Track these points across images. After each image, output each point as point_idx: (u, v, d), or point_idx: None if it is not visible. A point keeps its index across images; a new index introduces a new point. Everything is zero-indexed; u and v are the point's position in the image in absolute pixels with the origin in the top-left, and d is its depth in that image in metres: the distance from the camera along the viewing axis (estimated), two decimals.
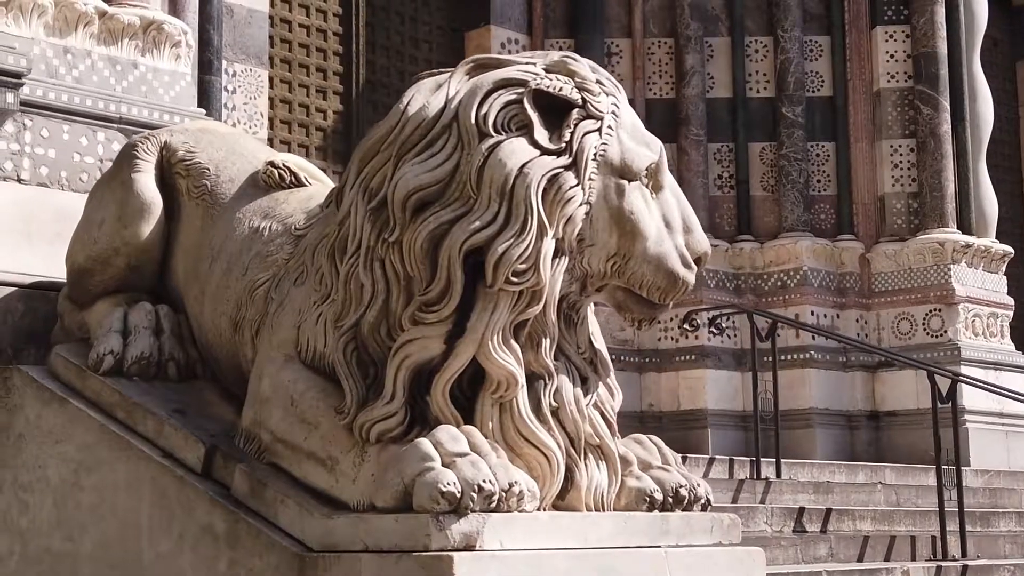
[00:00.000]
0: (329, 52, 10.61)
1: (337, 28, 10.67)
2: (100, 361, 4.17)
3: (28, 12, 6.25)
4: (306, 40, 10.45)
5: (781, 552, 6.67)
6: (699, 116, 11.61)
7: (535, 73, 3.57)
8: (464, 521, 3.20)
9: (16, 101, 5.80)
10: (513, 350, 3.45)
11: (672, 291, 3.64)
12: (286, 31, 10.34)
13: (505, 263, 3.39)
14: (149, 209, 4.37)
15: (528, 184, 3.42)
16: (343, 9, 10.73)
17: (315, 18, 10.55)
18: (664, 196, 3.67)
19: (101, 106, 6.28)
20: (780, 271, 11.50)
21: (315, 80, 10.47)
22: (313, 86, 10.46)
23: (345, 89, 10.64)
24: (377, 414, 3.44)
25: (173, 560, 3.75)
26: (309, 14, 10.52)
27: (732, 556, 3.73)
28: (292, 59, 10.36)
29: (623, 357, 11.23)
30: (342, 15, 10.71)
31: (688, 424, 11.07)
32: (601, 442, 3.60)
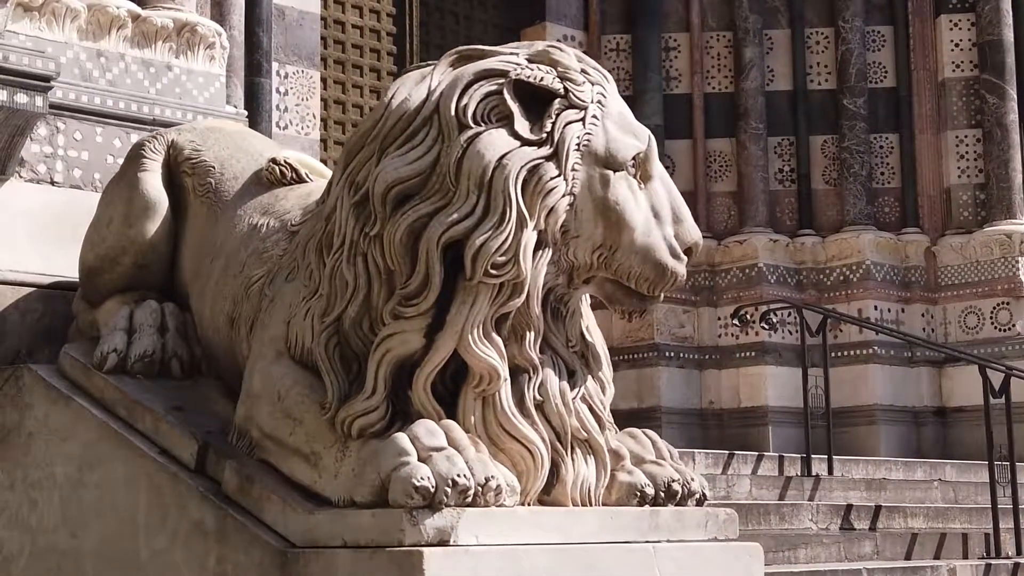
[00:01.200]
0: (383, 52, 10.64)
1: (391, 28, 10.69)
2: (104, 359, 4.19)
3: (61, 16, 6.32)
4: (360, 41, 10.49)
5: (823, 550, 6.55)
6: (758, 110, 11.47)
7: (517, 63, 3.53)
8: (438, 516, 3.17)
9: (46, 104, 5.86)
10: (495, 343, 3.41)
11: (661, 282, 3.58)
12: (339, 32, 10.38)
13: (483, 255, 3.35)
14: (155, 208, 4.40)
15: (507, 175, 3.38)
16: (396, 9, 10.75)
17: (368, 19, 10.58)
18: (653, 186, 3.61)
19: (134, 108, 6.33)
20: (842, 265, 11.33)
21: (369, 80, 10.50)
22: (367, 86, 10.48)
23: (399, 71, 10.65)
24: (358, 409, 3.42)
25: (167, 556, 3.76)
26: (362, 15, 10.55)
27: (727, 552, 3.66)
28: (346, 60, 10.40)
29: (682, 354, 11.15)
30: (396, 15, 10.73)
31: (749, 422, 10.95)
32: (589, 436, 3.55)
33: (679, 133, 11.60)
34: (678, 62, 11.72)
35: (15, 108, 5.80)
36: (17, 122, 5.86)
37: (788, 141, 11.64)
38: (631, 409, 11.01)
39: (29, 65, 5.79)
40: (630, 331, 11.11)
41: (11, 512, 4.35)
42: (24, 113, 5.85)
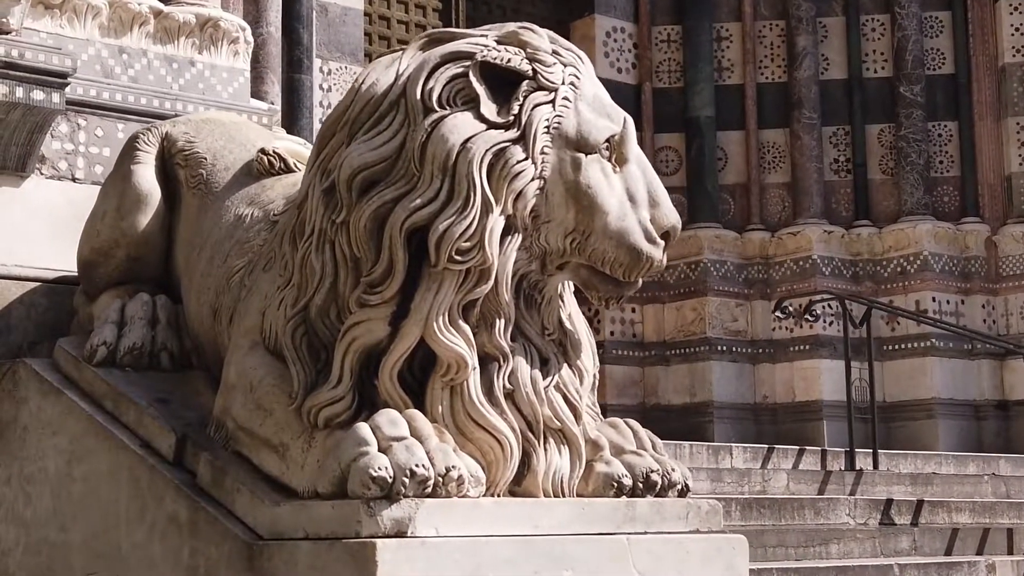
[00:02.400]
0: None
1: (436, 23, 10.66)
2: (94, 352, 4.18)
3: (82, 14, 6.35)
4: (405, 36, 10.46)
5: (857, 545, 6.41)
6: (812, 99, 11.30)
7: (484, 45, 3.45)
8: (396, 507, 3.11)
9: (63, 101, 5.89)
10: (462, 331, 3.34)
11: (636, 267, 3.48)
12: (384, 28, 10.37)
13: (447, 241, 3.28)
14: (146, 200, 4.38)
15: (471, 159, 3.31)
16: (443, 3, 10.72)
17: (414, 14, 10.57)
18: (629, 169, 3.52)
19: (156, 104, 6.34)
20: (900, 256, 11.12)
21: None
22: None
23: None
24: (323, 399, 3.37)
25: (146, 549, 3.73)
26: (408, 10, 10.53)
27: (709, 544, 3.56)
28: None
29: (735, 348, 11.00)
30: (441, 10, 10.71)
31: (803, 416, 10.79)
32: (563, 426, 3.47)
33: (731, 124, 11.46)
34: (730, 52, 11.57)
35: (32, 105, 5.83)
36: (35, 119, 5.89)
37: (843, 131, 11.44)
38: (683, 404, 10.91)
39: (45, 62, 5.81)
40: (681, 325, 11.00)
41: (7, 506, 4.35)
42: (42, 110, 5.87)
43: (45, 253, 5.50)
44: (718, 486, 6.87)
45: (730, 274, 11.15)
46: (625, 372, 11.03)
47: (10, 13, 5.74)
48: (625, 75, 11.45)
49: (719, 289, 11.05)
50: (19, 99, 5.79)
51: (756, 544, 6.00)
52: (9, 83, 5.74)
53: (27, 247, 5.48)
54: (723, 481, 6.94)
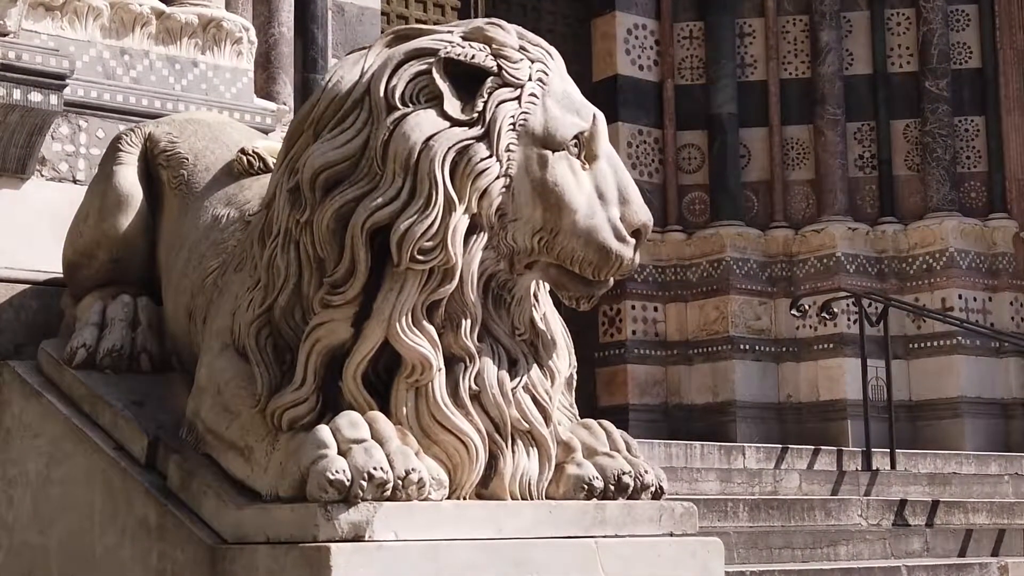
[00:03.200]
0: None
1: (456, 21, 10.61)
2: (73, 354, 4.16)
3: (83, 15, 6.35)
4: None
5: (866, 546, 6.31)
6: (836, 95, 11.18)
7: (449, 41, 3.41)
8: (353, 511, 3.07)
9: (60, 102, 5.89)
10: (426, 331, 3.29)
11: (605, 266, 3.42)
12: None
13: (409, 240, 3.24)
14: (127, 201, 4.36)
15: (432, 157, 3.26)
16: (461, 3, 10.68)
17: (432, 13, 10.53)
18: (598, 166, 3.46)
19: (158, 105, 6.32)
20: (925, 253, 10.98)
21: None
22: None
23: None
24: (287, 400, 3.33)
25: (117, 553, 3.71)
26: (426, 9, 10.50)
27: (682, 547, 3.49)
28: None
29: (758, 347, 10.90)
30: (460, 8, 10.66)
31: (828, 415, 10.66)
32: (531, 427, 3.41)
33: (755, 121, 11.35)
34: (753, 48, 11.47)
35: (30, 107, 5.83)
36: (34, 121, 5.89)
37: (868, 126, 11.31)
38: (706, 404, 10.82)
39: (43, 64, 5.81)
40: (704, 324, 10.92)
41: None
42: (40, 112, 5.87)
43: (47, 255, 5.49)
44: (727, 487, 6.79)
45: (753, 272, 11.05)
46: (647, 371, 10.94)
47: (7, 15, 5.75)
48: (647, 72, 11.36)
49: (742, 287, 10.95)
50: (16, 101, 5.79)
51: (761, 545, 5.93)
52: (6, 85, 5.75)
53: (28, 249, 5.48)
54: (733, 481, 6.86)
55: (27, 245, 5.48)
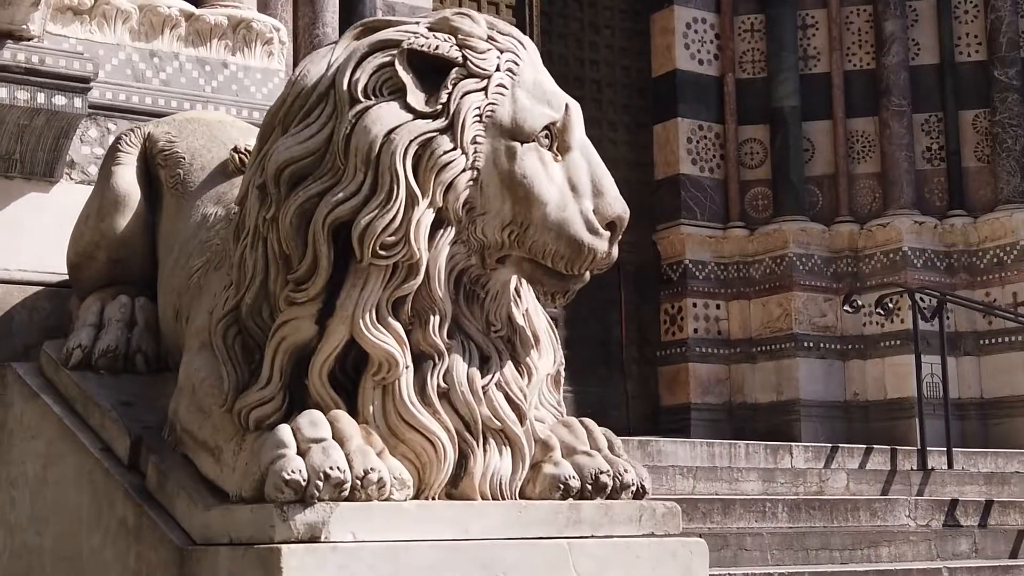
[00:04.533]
0: None
1: (510, 19, 10.55)
2: (69, 355, 4.16)
3: (112, 18, 6.39)
4: None
5: (910, 548, 6.14)
6: (902, 86, 10.94)
7: (413, 32, 3.34)
8: (310, 511, 3.01)
9: (85, 106, 5.92)
10: (392, 328, 3.23)
11: (578, 260, 3.32)
12: None
13: (370, 235, 3.18)
14: (124, 202, 4.35)
15: (393, 150, 3.20)
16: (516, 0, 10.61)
17: (486, 11, 10.46)
18: (571, 158, 3.37)
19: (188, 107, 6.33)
20: (996, 247, 10.70)
21: None
22: None
23: None
24: (252, 400, 3.29)
25: (101, 554, 3.69)
26: (480, 7, 10.44)
27: (662, 548, 3.39)
28: None
29: (823, 344, 10.70)
30: (515, 6, 10.59)
31: (896, 414, 10.43)
32: (504, 425, 3.33)
33: (818, 114, 11.14)
34: (816, 40, 11.26)
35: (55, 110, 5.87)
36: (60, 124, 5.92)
37: (935, 117, 11.05)
38: (770, 402, 10.65)
39: (67, 67, 5.84)
40: (767, 321, 10.74)
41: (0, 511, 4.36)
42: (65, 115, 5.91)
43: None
44: (770, 486, 6.65)
45: (817, 268, 10.84)
46: (710, 370, 10.79)
47: (30, 20, 5.78)
48: (707, 67, 11.21)
49: (806, 284, 10.75)
50: (41, 105, 5.83)
51: (797, 547, 5.79)
52: (31, 89, 5.79)
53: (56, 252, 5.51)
54: (776, 481, 6.71)
55: (55, 248, 5.51)
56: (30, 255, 5.56)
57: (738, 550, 5.58)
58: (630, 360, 10.76)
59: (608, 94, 11.05)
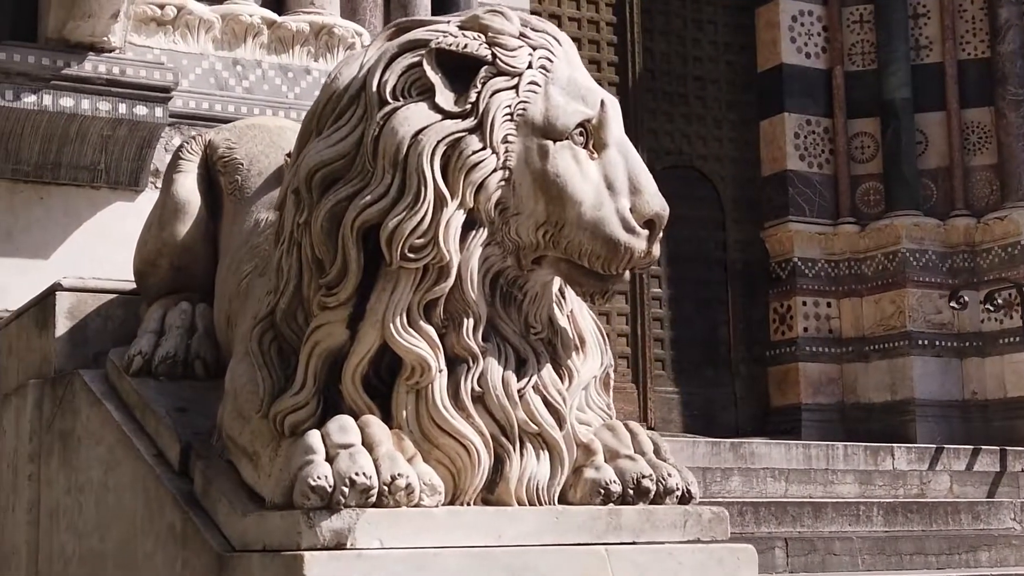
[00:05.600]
0: (603, 43, 10.42)
1: (610, 18, 10.46)
2: (130, 362, 4.19)
3: (195, 28, 6.47)
4: (577, 33, 10.31)
5: (1012, 552, 5.93)
6: (1018, 74, 10.62)
7: (443, 32, 3.29)
8: (336, 518, 2.98)
9: (166, 115, 6.01)
10: (424, 332, 3.18)
11: (615, 260, 3.24)
12: (554, 25, 10.23)
13: (398, 238, 3.14)
14: (184, 209, 4.37)
15: (420, 151, 3.16)
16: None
17: (586, 10, 10.39)
18: (608, 155, 3.29)
19: (271, 114, 6.39)
20: None
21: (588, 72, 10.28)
22: None
23: (621, 79, 10.41)
24: (286, 405, 3.27)
25: (153, 560, 3.71)
26: (580, 6, 10.37)
27: (707, 555, 3.29)
28: None
29: (939, 342, 10.41)
30: (616, 3, 10.49)
31: (1017, 413, 10.11)
32: (541, 430, 3.26)
33: (931, 105, 10.85)
34: (927, 29, 10.97)
35: (136, 120, 5.97)
36: (142, 134, 6.03)
37: None
38: (884, 402, 10.39)
39: (147, 77, 5.95)
40: (880, 319, 10.49)
41: (69, 516, 4.42)
42: (146, 125, 6.01)
43: None
44: (867, 489, 6.47)
45: (932, 264, 10.55)
46: (821, 370, 10.56)
47: (111, 31, 5.89)
48: (814, 60, 10.99)
49: (920, 280, 10.47)
50: (123, 115, 5.94)
51: (890, 552, 5.62)
52: (112, 100, 5.90)
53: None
54: (874, 484, 6.53)
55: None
56: (112, 264, 5.65)
57: (826, 555, 5.43)
58: (738, 360, 10.59)
59: (712, 91, 10.89)
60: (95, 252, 5.80)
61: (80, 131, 5.90)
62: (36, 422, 4.74)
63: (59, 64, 5.75)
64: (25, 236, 5.99)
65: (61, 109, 5.80)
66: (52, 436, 4.62)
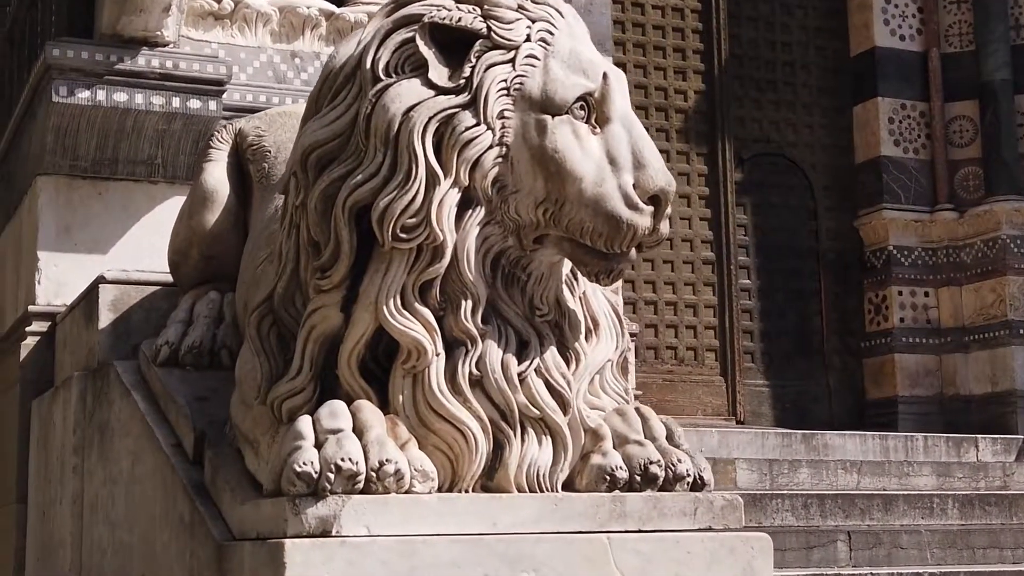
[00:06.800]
0: (687, 30, 10.22)
1: (695, 5, 10.26)
2: (158, 352, 4.17)
3: (252, 21, 6.46)
4: (661, 20, 10.13)
5: None
6: None
7: (436, 5, 3.20)
8: (321, 504, 2.90)
9: (219, 108, 5.99)
10: (419, 314, 3.10)
11: (617, 237, 3.12)
12: (638, 14, 10.08)
13: (389, 217, 3.06)
14: (212, 198, 4.33)
15: (411, 128, 3.07)
16: None
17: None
18: (611, 129, 3.17)
19: None
20: None
21: (673, 61, 10.12)
22: (671, 67, 10.11)
23: (707, 67, 10.20)
24: (283, 390, 3.21)
25: (169, 549, 3.68)
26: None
27: (719, 544, 3.15)
28: (646, 42, 10.07)
29: None
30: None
31: None
32: (543, 414, 3.15)
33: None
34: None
35: (190, 114, 5.96)
36: (197, 128, 6.01)
37: None
38: (985, 394, 10.04)
39: (200, 71, 5.93)
40: (980, 308, 10.15)
41: (105, 508, 4.41)
42: (201, 119, 5.99)
43: None
44: (946, 481, 6.24)
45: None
46: (919, 361, 10.24)
47: (163, 26, 5.88)
48: (909, 42, 10.66)
49: (1021, 267, 10.09)
50: (176, 109, 5.93)
51: (961, 545, 5.40)
52: (165, 94, 5.89)
53: None
54: (952, 476, 6.29)
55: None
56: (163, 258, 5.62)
57: (892, 548, 5.23)
58: (832, 352, 10.31)
59: (802, 76, 10.62)
60: (153, 246, 5.79)
61: (135, 126, 5.91)
62: (80, 414, 4.76)
63: (112, 59, 5.76)
64: (84, 232, 6.01)
65: (115, 104, 5.80)
66: (93, 428, 4.62)
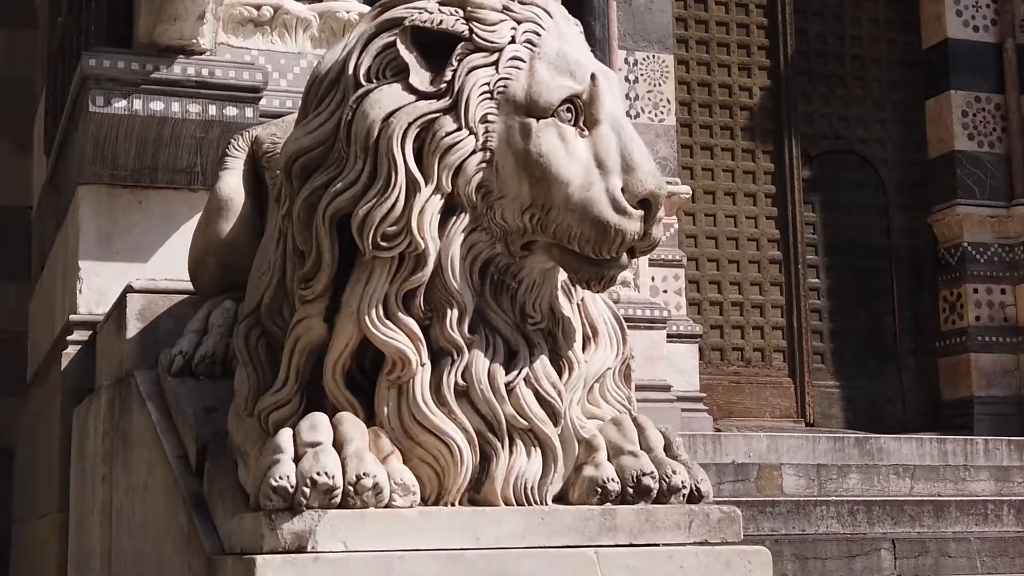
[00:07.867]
0: (752, 26, 10.07)
1: (760, 0, 10.11)
2: (172, 362, 4.15)
3: (292, 27, 6.44)
4: (724, 17, 10.00)
5: None
6: None
7: (419, 8, 3.13)
8: (297, 519, 2.85)
9: (256, 115, 5.97)
10: (403, 324, 3.03)
11: (605, 243, 3.03)
12: (701, 11, 9.96)
13: (368, 226, 3.00)
14: (228, 206, 4.30)
15: (391, 135, 3.01)
16: None
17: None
18: (599, 132, 3.08)
19: None
20: None
21: (737, 58, 9.98)
22: (735, 64, 9.97)
23: (772, 63, 10.05)
24: (268, 402, 3.16)
25: (172, 562, 3.65)
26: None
27: (713, 558, 3.05)
28: (710, 39, 9.94)
29: None
30: None
31: None
32: (532, 425, 3.07)
33: None
34: None
35: (227, 121, 5.95)
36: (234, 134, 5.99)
37: None
38: None
39: (236, 78, 5.91)
40: None
41: (126, 517, 4.41)
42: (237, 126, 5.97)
43: None
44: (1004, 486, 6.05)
45: None
46: (995, 360, 9.99)
47: (199, 34, 5.88)
48: (983, 33, 10.40)
49: None
50: (212, 117, 5.92)
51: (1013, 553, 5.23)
52: (201, 102, 5.88)
53: None
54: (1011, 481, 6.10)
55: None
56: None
57: (939, 556, 5.07)
58: (905, 352, 10.10)
59: (873, 71, 10.42)
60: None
61: (173, 134, 5.91)
62: (108, 424, 4.76)
63: (148, 68, 5.76)
64: (124, 241, 6.02)
65: (152, 113, 5.80)
66: (118, 437, 4.62)
